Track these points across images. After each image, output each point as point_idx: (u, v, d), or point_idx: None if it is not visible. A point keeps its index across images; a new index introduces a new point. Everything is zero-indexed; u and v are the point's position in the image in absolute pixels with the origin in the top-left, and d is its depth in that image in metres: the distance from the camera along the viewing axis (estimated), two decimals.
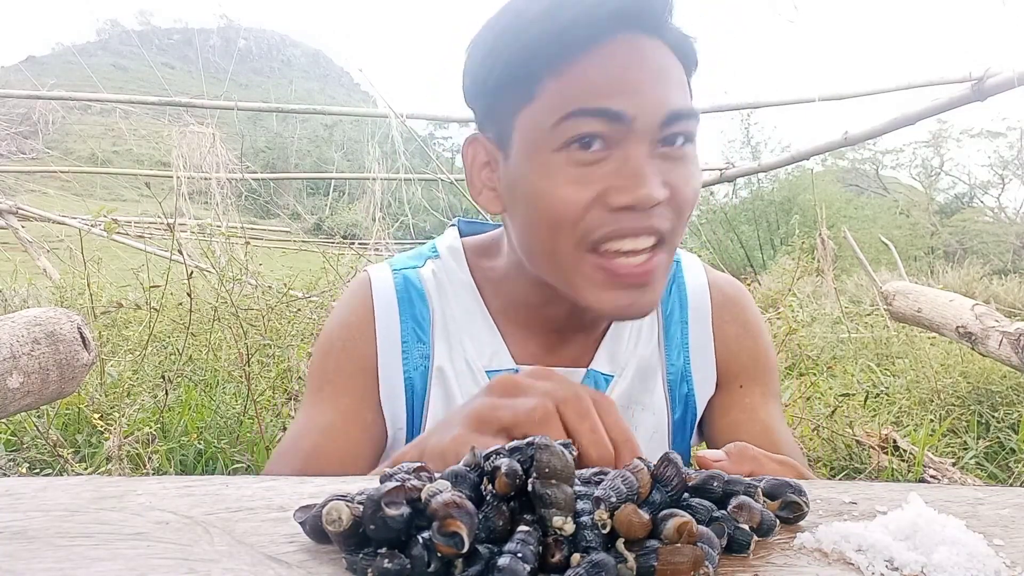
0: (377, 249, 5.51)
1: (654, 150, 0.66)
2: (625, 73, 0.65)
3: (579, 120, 0.65)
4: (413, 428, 0.80)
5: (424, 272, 0.85)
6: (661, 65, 0.67)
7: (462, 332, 0.81)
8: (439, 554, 0.32)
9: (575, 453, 0.40)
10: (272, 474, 0.75)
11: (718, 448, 0.54)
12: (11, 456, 2.30)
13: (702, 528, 0.35)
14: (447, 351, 0.81)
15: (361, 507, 0.34)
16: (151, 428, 2.22)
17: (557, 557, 0.33)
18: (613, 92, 0.64)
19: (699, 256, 0.96)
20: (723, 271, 0.96)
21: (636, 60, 0.65)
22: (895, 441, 2.47)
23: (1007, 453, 2.74)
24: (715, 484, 0.40)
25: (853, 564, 0.36)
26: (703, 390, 0.85)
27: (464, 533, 0.31)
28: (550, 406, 0.50)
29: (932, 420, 2.89)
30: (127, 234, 5.72)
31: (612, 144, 0.65)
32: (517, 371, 0.78)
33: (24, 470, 2.17)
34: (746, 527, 0.38)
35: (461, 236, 0.89)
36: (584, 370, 0.81)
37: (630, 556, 0.33)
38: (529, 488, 0.34)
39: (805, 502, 0.41)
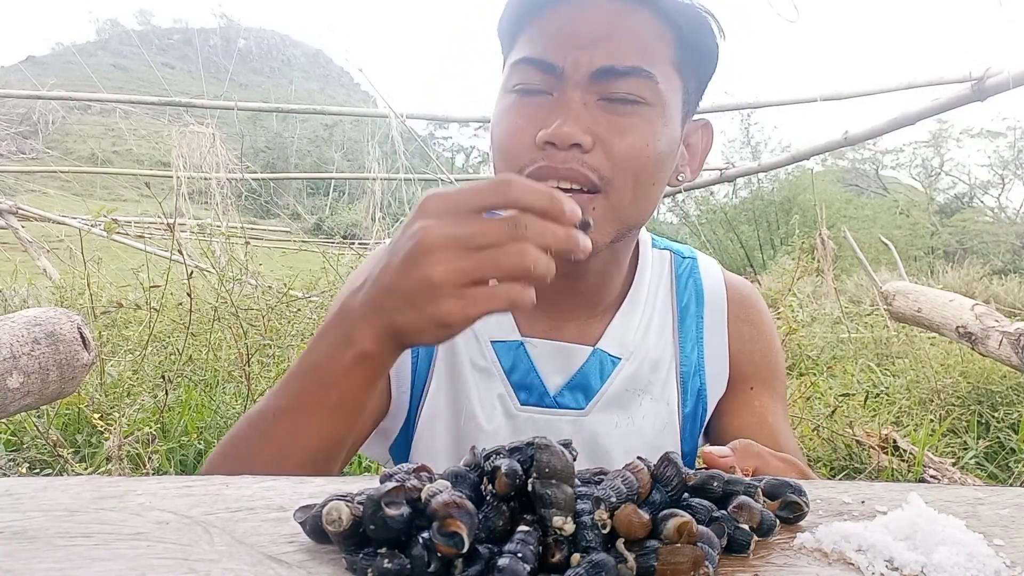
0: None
1: (591, 99, 0.70)
2: (569, 28, 0.70)
3: (523, 67, 0.72)
4: (415, 388, 0.81)
5: None
6: (622, 25, 0.70)
7: None
8: (439, 554, 0.32)
9: (575, 454, 0.40)
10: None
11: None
12: (11, 456, 2.30)
13: (702, 528, 0.35)
14: None
15: (361, 507, 0.34)
16: (151, 428, 2.22)
17: (557, 557, 0.33)
18: (551, 45, 0.70)
19: None
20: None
21: (586, 17, 0.70)
22: (895, 441, 2.46)
23: (1007, 453, 2.74)
24: (715, 484, 0.40)
25: (853, 564, 0.36)
26: (715, 386, 0.86)
27: (464, 533, 0.31)
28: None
29: (932, 420, 2.89)
30: (127, 234, 5.72)
31: (554, 89, 0.71)
32: (522, 343, 0.81)
33: (24, 470, 2.17)
34: (746, 527, 0.38)
35: None
36: (591, 348, 0.81)
37: (630, 556, 0.33)
38: (529, 488, 0.34)
39: (805, 502, 0.41)
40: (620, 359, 0.82)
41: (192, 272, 2.95)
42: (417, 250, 0.53)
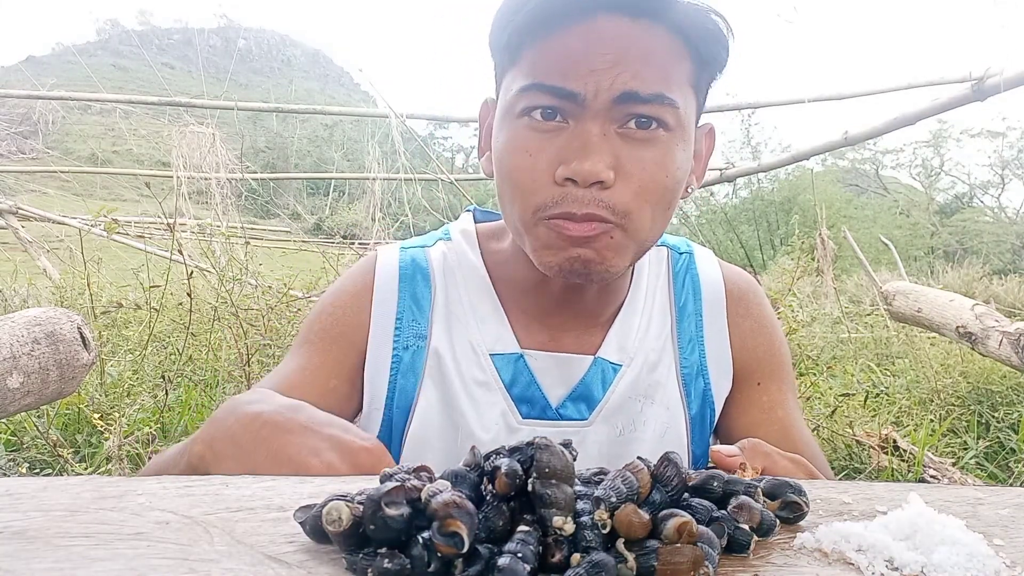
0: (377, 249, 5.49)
1: (610, 128, 0.66)
2: (585, 50, 0.65)
3: (536, 93, 0.67)
4: (392, 405, 0.78)
5: (433, 253, 0.85)
6: (639, 48, 0.66)
7: (468, 315, 0.81)
8: (439, 554, 0.32)
9: (575, 454, 0.40)
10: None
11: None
12: (11, 456, 2.30)
13: (702, 528, 0.35)
14: (446, 334, 0.80)
15: (361, 507, 0.34)
16: (151, 428, 2.22)
17: (557, 557, 0.33)
18: (568, 71, 0.66)
19: None
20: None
21: (604, 41, 0.65)
22: (895, 441, 2.46)
23: (1007, 453, 2.74)
24: (715, 484, 0.40)
25: (853, 564, 0.36)
26: (720, 386, 0.84)
27: (464, 533, 0.31)
28: None
29: (932, 420, 2.89)
30: (127, 234, 5.72)
31: (570, 117, 0.67)
32: (522, 356, 0.79)
33: (24, 470, 2.17)
34: (746, 527, 0.38)
35: (475, 223, 0.89)
36: (591, 357, 0.80)
37: (630, 556, 0.33)
38: (529, 488, 0.34)
39: (805, 502, 0.41)
40: (621, 366, 0.80)
41: (192, 272, 2.96)
42: None
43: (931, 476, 2.25)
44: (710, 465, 0.55)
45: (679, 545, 0.33)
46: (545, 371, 0.79)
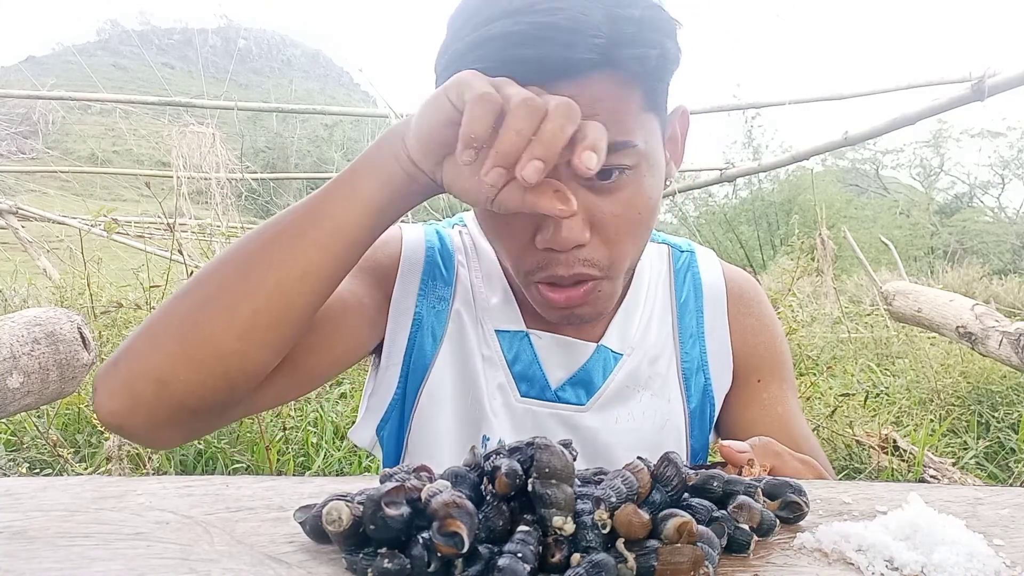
0: None
1: (575, 185, 0.64)
2: None
3: None
4: (409, 362, 0.79)
5: (452, 232, 0.88)
6: (593, 98, 0.62)
7: (480, 292, 0.83)
8: (439, 554, 0.32)
9: (575, 454, 0.40)
10: None
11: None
12: (11, 456, 2.30)
13: (702, 528, 0.35)
14: (464, 304, 0.82)
15: (361, 507, 0.34)
16: None
17: (557, 557, 0.33)
18: None
19: None
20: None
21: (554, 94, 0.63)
22: (895, 441, 2.46)
23: (1007, 453, 2.74)
24: (715, 484, 0.40)
25: (853, 564, 0.36)
26: (720, 382, 0.85)
27: (464, 533, 0.31)
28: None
29: (932, 420, 2.89)
30: (127, 234, 5.72)
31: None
32: (527, 334, 0.80)
33: (24, 470, 2.17)
34: (746, 527, 0.38)
35: None
36: (595, 344, 0.81)
37: (630, 556, 0.33)
38: (529, 488, 0.34)
39: (805, 502, 0.41)
40: (622, 355, 0.81)
41: (192, 272, 2.95)
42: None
43: (931, 476, 2.25)
44: (711, 462, 0.55)
45: (679, 545, 0.33)
46: (548, 351, 0.80)
